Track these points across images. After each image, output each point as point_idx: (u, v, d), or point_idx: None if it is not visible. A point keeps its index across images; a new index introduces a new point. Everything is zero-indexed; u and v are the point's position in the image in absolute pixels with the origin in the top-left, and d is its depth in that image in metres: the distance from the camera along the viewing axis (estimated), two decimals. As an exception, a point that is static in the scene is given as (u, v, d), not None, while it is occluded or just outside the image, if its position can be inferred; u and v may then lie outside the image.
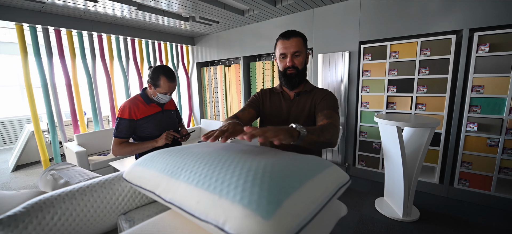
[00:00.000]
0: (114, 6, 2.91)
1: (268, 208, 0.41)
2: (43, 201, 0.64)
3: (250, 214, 0.40)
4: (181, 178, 0.55)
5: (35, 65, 3.14)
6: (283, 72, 1.10)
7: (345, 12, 3.05)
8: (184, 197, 0.51)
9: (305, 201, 0.47)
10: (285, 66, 1.09)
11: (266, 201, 0.42)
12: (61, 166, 1.16)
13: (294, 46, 1.05)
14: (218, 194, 0.46)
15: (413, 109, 2.75)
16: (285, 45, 1.06)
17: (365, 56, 2.98)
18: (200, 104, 5.30)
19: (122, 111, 1.49)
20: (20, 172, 3.86)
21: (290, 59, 1.06)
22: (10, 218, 0.57)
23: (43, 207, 0.62)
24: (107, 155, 3.45)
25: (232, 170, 0.50)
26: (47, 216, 0.62)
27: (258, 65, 4.15)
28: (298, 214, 0.44)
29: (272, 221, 0.39)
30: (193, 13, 3.37)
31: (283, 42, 1.07)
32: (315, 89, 1.17)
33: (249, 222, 0.39)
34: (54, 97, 3.33)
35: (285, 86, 1.15)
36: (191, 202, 0.49)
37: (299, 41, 1.06)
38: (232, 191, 0.45)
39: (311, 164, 0.60)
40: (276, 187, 0.45)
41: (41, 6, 2.81)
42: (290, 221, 0.41)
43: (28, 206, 0.61)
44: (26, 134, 3.92)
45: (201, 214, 0.46)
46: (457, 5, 2.39)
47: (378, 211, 2.44)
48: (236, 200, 0.43)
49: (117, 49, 4.01)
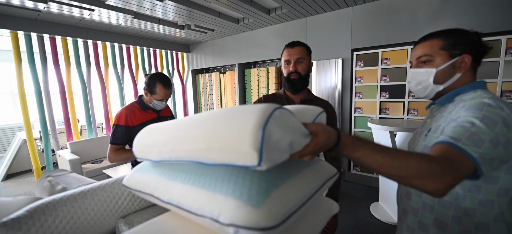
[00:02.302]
0: (110, 15, 2.93)
1: (258, 198, 0.44)
2: (45, 204, 0.64)
3: (241, 204, 0.44)
4: (177, 180, 0.58)
5: (29, 73, 3.12)
6: (287, 77, 1.18)
7: (338, 21, 3.15)
8: (181, 196, 0.54)
9: (293, 192, 0.51)
10: (289, 72, 1.17)
11: (255, 193, 0.45)
12: (58, 172, 1.16)
13: (298, 53, 1.15)
14: (212, 190, 0.49)
15: (406, 114, 2.82)
16: (289, 52, 1.16)
17: (357, 63, 3.06)
18: (195, 111, 5.30)
19: (119, 117, 1.50)
20: (10, 181, 3.77)
21: (293, 64, 1.15)
22: (13, 220, 0.58)
23: (46, 210, 0.63)
24: (100, 163, 3.41)
25: (224, 168, 0.52)
26: (49, 219, 0.62)
27: (253, 72, 4.20)
28: (286, 203, 0.47)
29: (261, 209, 0.43)
30: (188, 22, 3.42)
31: (288, 50, 1.17)
32: (317, 99, 1.26)
33: (241, 211, 0.43)
34: (48, 105, 3.30)
35: (289, 90, 1.22)
36: (188, 200, 0.52)
37: (302, 49, 1.16)
38: (225, 186, 0.48)
39: (299, 160, 0.63)
40: (265, 180, 0.49)
41: (36, 14, 2.81)
42: (279, 209, 0.45)
43: (31, 209, 0.62)
44: (18, 142, 3.85)
45: (197, 210, 0.49)
46: (443, 14, 2.50)
47: (373, 215, 2.47)
48: (229, 194, 0.46)
49: (112, 56, 4.02)
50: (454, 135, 0.62)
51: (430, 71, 0.78)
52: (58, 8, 2.65)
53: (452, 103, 0.76)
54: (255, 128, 0.40)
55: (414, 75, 0.83)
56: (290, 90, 1.21)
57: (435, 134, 0.75)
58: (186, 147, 0.51)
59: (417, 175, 0.54)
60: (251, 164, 0.40)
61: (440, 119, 0.77)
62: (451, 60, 0.75)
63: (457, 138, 0.60)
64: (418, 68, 0.81)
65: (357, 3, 2.93)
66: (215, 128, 0.46)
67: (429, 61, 0.78)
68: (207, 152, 0.46)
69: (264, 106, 0.45)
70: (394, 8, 2.75)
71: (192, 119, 0.56)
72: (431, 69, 0.77)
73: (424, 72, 0.79)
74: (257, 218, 0.42)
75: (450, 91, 0.78)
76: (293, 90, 1.19)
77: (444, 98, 0.79)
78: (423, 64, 0.79)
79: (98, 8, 2.67)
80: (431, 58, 0.77)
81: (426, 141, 0.79)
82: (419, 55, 0.80)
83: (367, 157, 0.56)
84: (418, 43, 0.82)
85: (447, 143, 0.61)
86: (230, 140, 0.42)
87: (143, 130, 0.72)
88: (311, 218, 0.68)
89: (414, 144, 0.89)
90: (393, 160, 0.55)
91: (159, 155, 0.60)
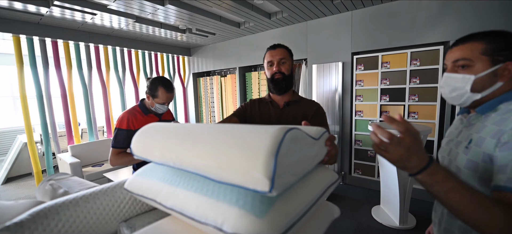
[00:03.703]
0: (112, 19, 2.95)
1: (262, 208, 0.44)
2: (48, 208, 0.64)
3: (245, 214, 0.44)
4: (180, 186, 0.58)
5: (30, 76, 3.13)
6: (271, 78, 1.18)
7: (338, 25, 3.17)
8: (184, 202, 0.54)
9: (296, 200, 0.51)
10: (272, 72, 1.17)
11: (259, 202, 0.45)
12: (59, 176, 1.16)
13: (280, 54, 1.16)
14: (216, 198, 0.49)
15: (406, 118, 2.82)
16: (272, 54, 1.17)
17: (357, 66, 3.07)
18: (196, 114, 5.31)
19: (121, 121, 1.50)
20: (10, 185, 3.76)
21: (276, 65, 1.15)
22: (16, 225, 0.58)
23: (48, 214, 0.63)
24: (101, 166, 3.40)
25: None
26: (51, 223, 0.62)
27: (254, 75, 4.22)
28: (289, 212, 0.47)
29: (265, 219, 0.43)
30: (190, 26, 3.44)
31: (270, 52, 1.18)
32: (303, 99, 1.23)
33: (244, 221, 0.43)
34: (49, 108, 3.31)
35: (273, 91, 1.21)
36: (191, 207, 0.52)
37: (284, 51, 1.17)
38: (228, 194, 0.48)
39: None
40: None
41: (39, 18, 2.84)
42: (282, 218, 0.45)
43: (34, 213, 0.62)
44: (18, 145, 3.85)
45: (200, 217, 0.49)
46: (443, 18, 2.51)
47: (375, 219, 2.46)
48: (232, 202, 0.46)
49: (113, 59, 4.04)
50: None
51: (468, 78, 0.68)
52: (61, 12, 2.68)
53: (496, 112, 0.67)
54: (268, 156, 0.40)
55: (449, 81, 0.73)
56: (274, 90, 1.19)
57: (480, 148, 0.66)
58: (195, 160, 0.51)
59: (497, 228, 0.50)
60: (262, 190, 0.41)
61: (482, 130, 0.68)
62: (493, 67, 0.66)
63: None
64: (454, 73, 0.72)
65: (357, 7, 2.94)
66: (227, 149, 0.46)
67: (467, 66, 0.69)
68: (218, 170, 0.46)
69: (276, 130, 0.45)
70: (394, 11, 2.76)
71: (201, 131, 0.56)
72: (469, 76, 0.68)
73: (461, 78, 0.70)
74: (261, 227, 0.42)
75: (492, 99, 0.69)
76: (278, 90, 1.18)
77: (486, 107, 0.70)
78: (461, 68, 0.70)
79: (100, 12, 2.69)
80: (470, 63, 0.68)
81: (469, 154, 0.69)
82: (456, 58, 0.71)
83: (458, 192, 0.51)
84: (456, 45, 0.72)
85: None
86: (242, 164, 0.43)
87: (145, 128, 0.71)
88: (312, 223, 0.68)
89: (450, 155, 0.78)
90: (480, 203, 0.51)
91: (162, 158, 0.59)
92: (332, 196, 2.93)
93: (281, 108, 1.21)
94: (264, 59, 1.22)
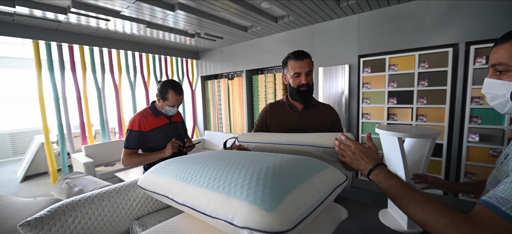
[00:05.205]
0: (125, 24, 3.07)
1: (271, 203, 0.47)
2: (65, 205, 0.70)
3: (255, 208, 0.46)
4: (192, 182, 0.61)
5: (48, 79, 3.29)
6: (297, 89, 1.23)
7: (344, 27, 3.16)
8: (196, 198, 0.57)
9: (304, 197, 0.53)
10: (299, 83, 1.21)
11: (269, 197, 0.48)
12: (75, 175, 1.23)
13: (307, 66, 1.20)
14: (227, 193, 0.52)
15: (414, 120, 2.78)
16: (299, 65, 1.19)
17: (364, 69, 3.06)
18: (203, 116, 5.39)
19: (132, 123, 1.57)
20: (28, 183, 3.95)
21: (304, 78, 1.20)
22: (37, 220, 0.64)
23: (66, 211, 0.68)
24: (113, 166, 3.52)
25: (238, 172, 0.56)
26: (69, 219, 0.68)
27: (261, 78, 4.26)
28: (298, 208, 0.50)
29: (275, 213, 0.45)
30: (198, 30, 3.52)
31: (297, 62, 1.19)
32: (319, 103, 1.33)
33: (255, 215, 0.45)
34: (65, 110, 3.46)
35: (299, 101, 1.27)
36: (203, 202, 0.55)
37: (310, 62, 1.22)
38: (239, 190, 0.51)
39: (310, 166, 0.66)
40: (278, 185, 0.52)
41: (57, 24, 2.98)
42: (291, 213, 0.47)
43: (52, 210, 0.68)
44: (36, 145, 4.04)
45: (212, 212, 0.52)
46: (452, 20, 2.47)
47: (382, 223, 2.43)
48: (243, 198, 0.49)
49: (125, 63, 4.18)
50: None
51: (507, 84, 0.59)
52: (77, 18, 2.81)
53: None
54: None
55: (488, 87, 0.64)
56: (300, 101, 1.26)
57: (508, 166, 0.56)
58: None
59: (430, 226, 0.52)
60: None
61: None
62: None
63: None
64: (493, 78, 0.63)
65: (364, 10, 2.94)
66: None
67: (506, 72, 0.59)
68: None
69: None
70: (401, 14, 2.74)
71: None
72: (508, 83, 0.59)
73: (500, 84, 0.61)
74: (270, 221, 0.44)
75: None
76: (304, 100, 1.24)
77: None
78: (500, 74, 0.61)
79: (113, 18, 2.80)
80: (509, 67, 0.58)
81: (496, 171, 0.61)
82: (493, 63, 0.62)
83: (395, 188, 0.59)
84: (496, 44, 0.62)
85: None
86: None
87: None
88: (320, 223, 0.70)
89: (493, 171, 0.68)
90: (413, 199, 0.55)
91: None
92: (339, 199, 2.92)
93: (300, 112, 1.29)
94: (286, 64, 1.25)
